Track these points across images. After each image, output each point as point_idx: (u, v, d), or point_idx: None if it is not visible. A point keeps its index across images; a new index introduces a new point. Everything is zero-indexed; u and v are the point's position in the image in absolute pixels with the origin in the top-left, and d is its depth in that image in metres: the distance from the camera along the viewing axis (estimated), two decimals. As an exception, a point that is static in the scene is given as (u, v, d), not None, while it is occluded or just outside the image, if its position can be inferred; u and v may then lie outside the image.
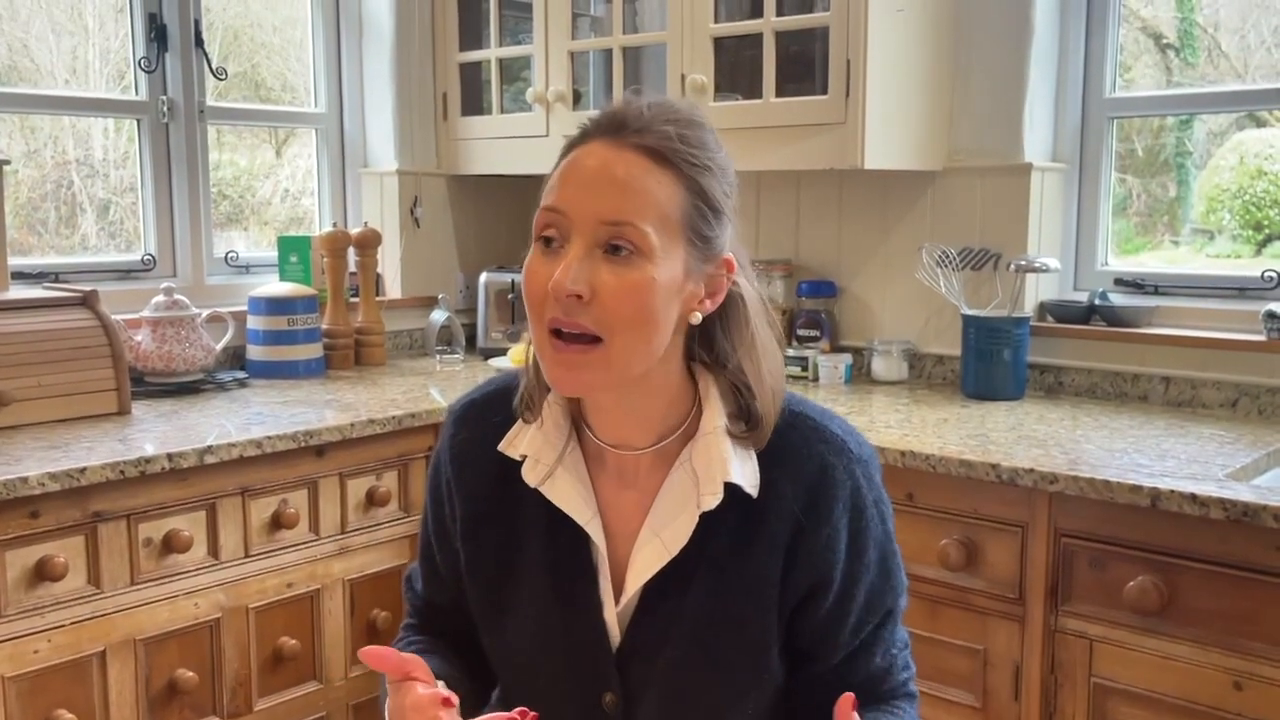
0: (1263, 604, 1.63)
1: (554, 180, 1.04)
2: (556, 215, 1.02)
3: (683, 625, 1.09)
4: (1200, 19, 2.52)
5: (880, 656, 1.15)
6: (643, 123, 1.03)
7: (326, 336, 2.86)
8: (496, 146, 3.05)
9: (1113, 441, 2.02)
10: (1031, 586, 1.85)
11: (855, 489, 1.10)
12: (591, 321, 1.00)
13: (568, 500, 1.10)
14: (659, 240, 1.00)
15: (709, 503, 1.06)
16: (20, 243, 2.68)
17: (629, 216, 0.99)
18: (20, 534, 1.79)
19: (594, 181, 1.01)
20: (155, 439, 2.05)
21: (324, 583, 2.22)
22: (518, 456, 1.12)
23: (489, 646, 1.19)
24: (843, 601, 1.11)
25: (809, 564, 1.08)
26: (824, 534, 1.08)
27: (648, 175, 1.01)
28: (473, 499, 1.17)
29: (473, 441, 1.17)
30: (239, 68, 3.06)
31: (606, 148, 1.02)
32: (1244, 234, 2.49)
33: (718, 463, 1.06)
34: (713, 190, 1.04)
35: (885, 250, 2.73)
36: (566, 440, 1.12)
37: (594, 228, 1.00)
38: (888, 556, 1.14)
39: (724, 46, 2.59)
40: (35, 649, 1.82)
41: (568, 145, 1.06)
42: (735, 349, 1.09)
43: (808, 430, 1.11)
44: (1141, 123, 2.58)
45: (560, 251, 1.01)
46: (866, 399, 2.47)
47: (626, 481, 1.12)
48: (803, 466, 1.09)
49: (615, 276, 0.99)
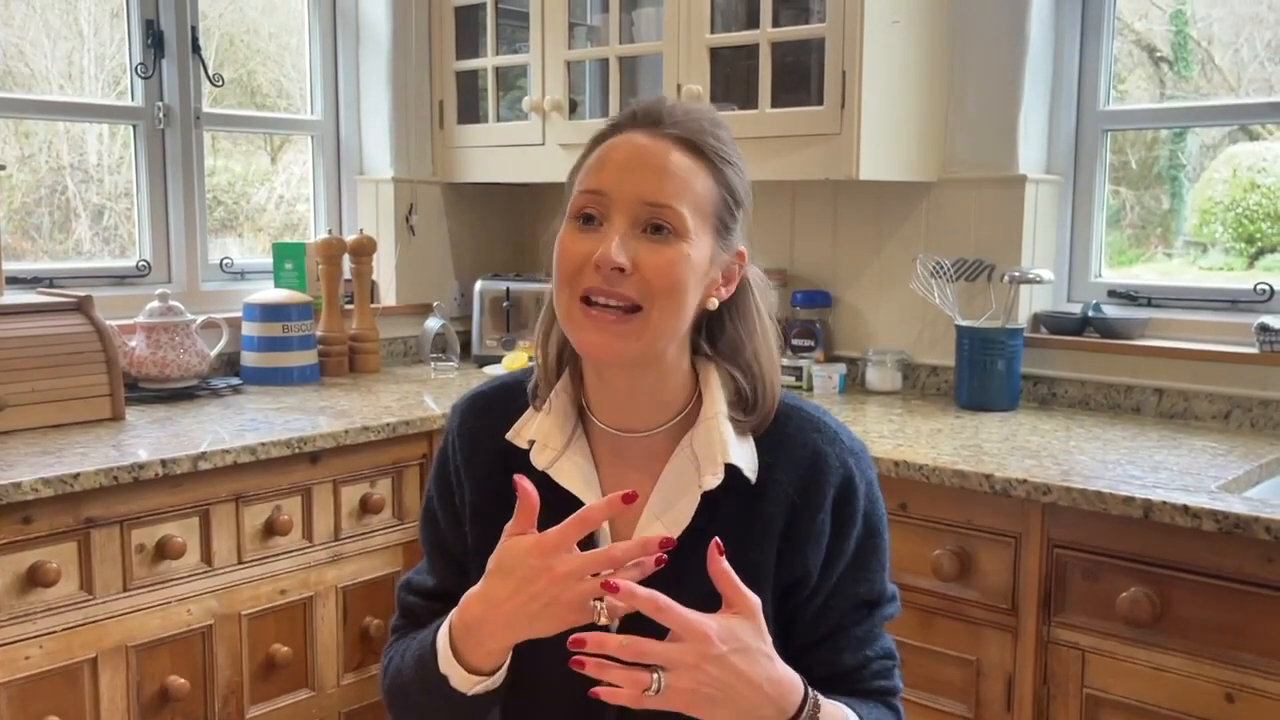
0: (1254, 616, 1.64)
1: (591, 165, 1.09)
2: (598, 196, 1.07)
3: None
4: (1194, 33, 2.54)
5: (850, 655, 1.15)
6: (677, 117, 1.09)
7: (321, 343, 2.86)
8: (492, 155, 3.06)
9: (1106, 453, 2.02)
10: (1024, 597, 1.86)
11: (847, 477, 1.13)
12: (633, 291, 1.05)
13: (574, 482, 1.13)
14: (693, 223, 1.07)
15: (710, 482, 1.09)
16: (14, 248, 2.67)
17: (669, 199, 1.06)
18: (12, 539, 1.78)
19: (637, 165, 1.07)
20: (149, 445, 2.04)
21: (317, 590, 2.22)
22: (524, 444, 1.15)
23: None
24: (816, 583, 1.13)
25: (800, 548, 1.12)
26: (817, 519, 1.12)
27: (686, 164, 1.08)
28: (480, 484, 1.19)
29: (481, 429, 1.20)
30: (235, 74, 3.06)
31: (646, 136, 1.08)
32: (1237, 247, 2.50)
33: (718, 445, 1.10)
34: (736, 185, 1.12)
35: (880, 261, 2.74)
36: (574, 426, 1.16)
37: (636, 207, 1.06)
38: (867, 550, 1.15)
39: (720, 56, 2.60)
40: (27, 655, 1.81)
41: (599, 136, 1.12)
42: (745, 334, 1.15)
43: (802, 421, 1.16)
44: (1135, 135, 2.59)
45: (599, 229, 1.06)
46: (860, 409, 2.48)
47: (630, 465, 1.15)
48: (797, 454, 1.13)
49: (654, 253, 1.05)
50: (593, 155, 1.11)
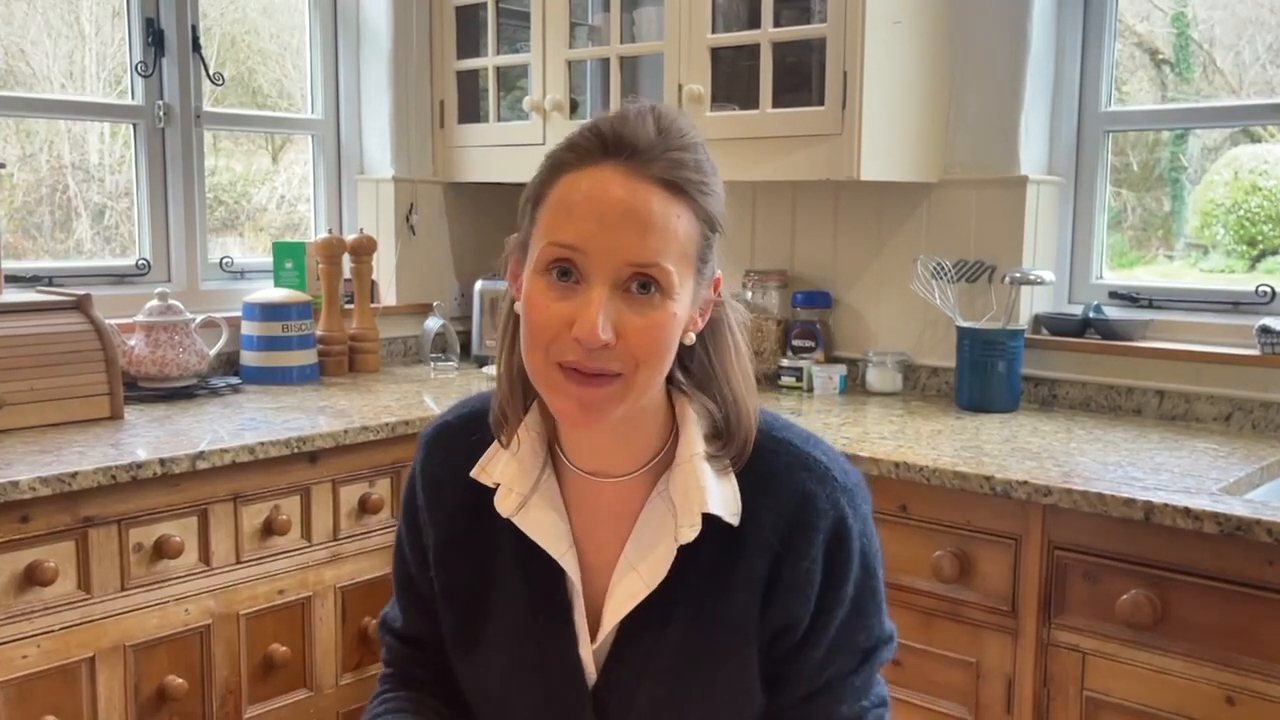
0: (1256, 618, 1.63)
1: (560, 207, 0.98)
2: (575, 252, 0.96)
3: (660, 660, 1.06)
4: (1195, 35, 2.53)
5: (847, 706, 1.09)
6: (655, 151, 0.97)
7: (321, 343, 2.85)
8: (493, 155, 3.05)
9: (1106, 455, 2.02)
10: (1024, 599, 1.85)
11: (839, 519, 1.05)
12: (615, 362, 0.97)
13: (541, 532, 1.07)
14: (679, 277, 0.97)
15: (686, 535, 1.02)
16: (15, 246, 2.67)
17: (655, 257, 0.96)
18: (10, 539, 1.78)
19: (618, 221, 0.95)
20: (147, 444, 2.04)
21: (315, 590, 2.21)
22: (490, 484, 1.08)
23: (463, 678, 1.16)
24: (810, 634, 1.06)
25: (786, 598, 1.05)
26: (803, 567, 1.04)
27: (669, 211, 0.97)
28: (445, 527, 1.13)
29: (446, 467, 1.14)
30: (236, 73, 3.06)
31: (624, 179, 0.96)
32: (1238, 249, 2.49)
33: (695, 492, 1.02)
34: (714, 211, 1.02)
35: (880, 262, 2.73)
36: (542, 468, 1.08)
37: (618, 269, 0.95)
38: (865, 595, 1.08)
39: (721, 57, 2.60)
40: (24, 654, 1.81)
41: (563, 163, 1.00)
42: (718, 359, 1.07)
43: (790, 457, 1.07)
44: (1136, 137, 2.58)
45: (575, 287, 0.96)
46: (861, 410, 2.47)
47: (603, 510, 1.08)
48: (783, 495, 1.05)
49: (640, 317, 0.96)
50: (557, 188, 0.99)
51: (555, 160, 1.01)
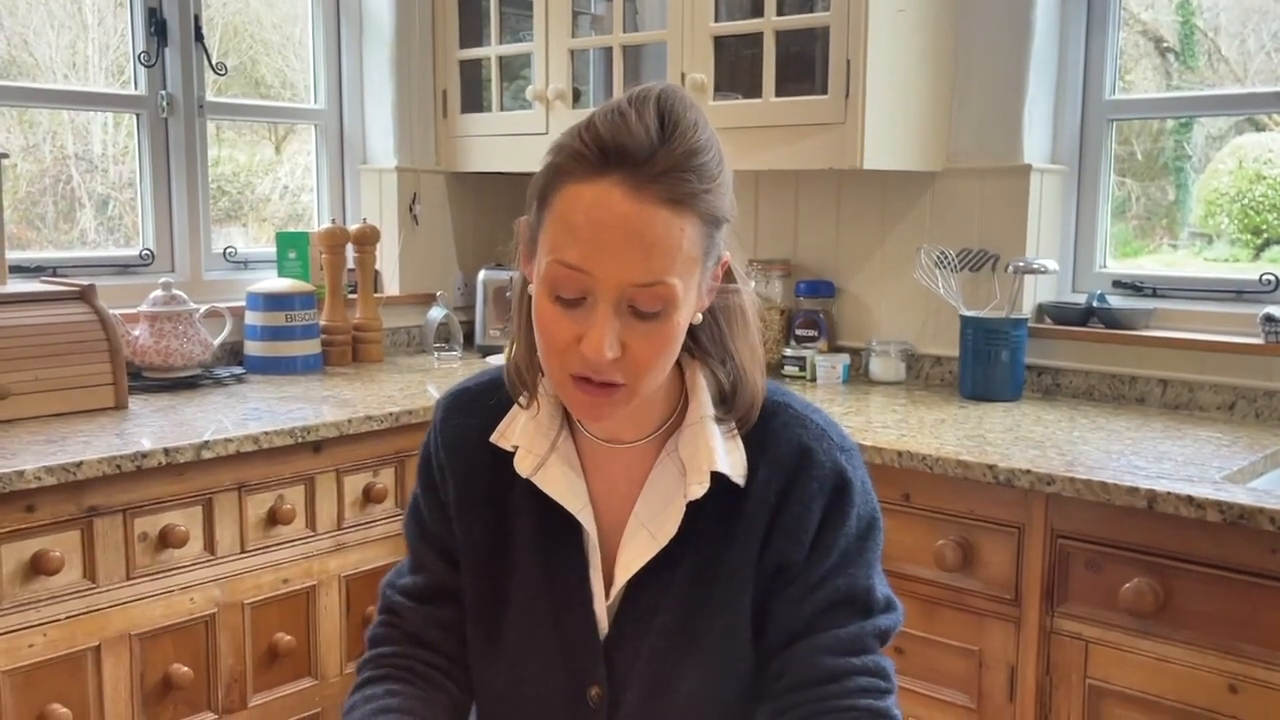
0: (1258, 607, 1.63)
1: (563, 223, 0.97)
2: (579, 273, 0.96)
3: (665, 615, 1.09)
4: (1200, 23, 2.52)
5: (831, 657, 1.06)
6: (657, 162, 0.95)
7: (324, 333, 2.86)
8: (496, 144, 3.05)
9: (1110, 443, 2.02)
10: (1027, 588, 1.85)
11: (837, 471, 1.09)
12: (621, 374, 1.00)
13: (559, 490, 1.10)
14: (683, 285, 0.98)
15: (695, 492, 1.06)
16: (19, 237, 2.67)
17: (659, 275, 0.96)
18: (15, 528, 1.79)
19: (624, 244, 0.95)
20: (152, 434, 2.04)
21: (320, 579, 2.22)
22: (509, 447, 1.12)
23: (476, 640, 1.16)
24: (801, 574, 1.08)
25: (781, 542, 1.08)
26: (795, 511, 1.07)
27: (672, 227, 0.96)
28: (465, 484, 1.16)
29: (465, 428, 1.17)
30: (238, 63, 3.06)
31: (625, 197, 0.95)
32: (1242, 238, 2.49)
33: (704, 451, 1.07)
34: (723, 208, 1.01)
35: (884, 251, 2.73)
36: (559, 431, 1.12)
37: (622, 288, 0.96)
38: (852, 551, 1.09)
39: (724, 45, 2.59)
40: (30, 643, 1.81)
41: (565, 171, 0.98)
42: (727, 328, 1.11)
43: (789, 418, 1.11)
44: (1141, 126, 2.58)
45: (583, 304, 0.98)
46: (864, 399, 2.47)
47: (616, 474, 1.12)
48: (781, 451, 1.09)
49: (646, 333, 0.99)
50: (560, 199, 0.98)
51: (557, 164, 0.99)
